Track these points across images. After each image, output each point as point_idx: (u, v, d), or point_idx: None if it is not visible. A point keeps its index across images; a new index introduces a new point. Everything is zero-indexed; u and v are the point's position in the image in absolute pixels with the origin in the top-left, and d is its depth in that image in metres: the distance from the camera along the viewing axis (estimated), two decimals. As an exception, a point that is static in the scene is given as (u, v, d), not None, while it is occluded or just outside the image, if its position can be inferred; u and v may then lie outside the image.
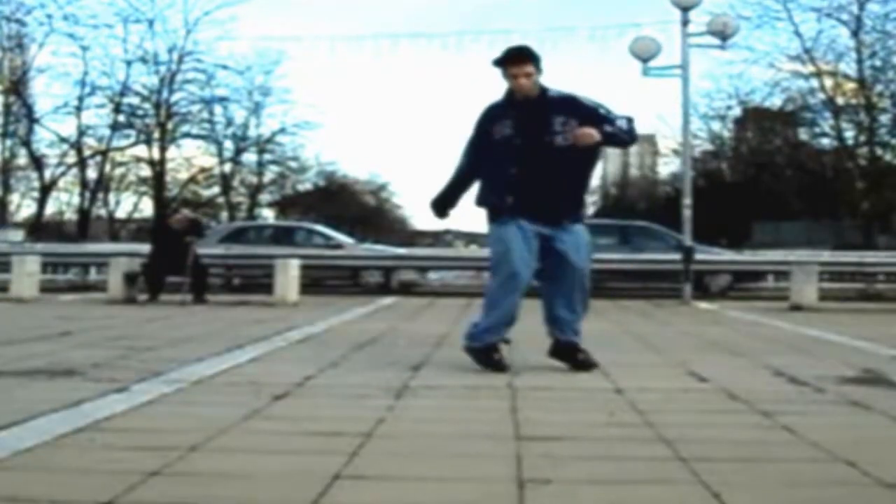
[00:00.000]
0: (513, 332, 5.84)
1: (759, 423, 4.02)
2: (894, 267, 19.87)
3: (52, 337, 7.57)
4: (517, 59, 5.58)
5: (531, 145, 5.54)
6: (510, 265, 5.55)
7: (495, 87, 5.76)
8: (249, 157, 46.55)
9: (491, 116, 5.74)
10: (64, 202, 44.80)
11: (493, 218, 5.75)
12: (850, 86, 37.72)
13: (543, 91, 5.64)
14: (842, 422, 4.10)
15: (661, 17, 37.09)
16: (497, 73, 5.63)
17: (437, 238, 58.97)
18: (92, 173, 42.82)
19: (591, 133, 5.45)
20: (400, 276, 19.89)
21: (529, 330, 6.13)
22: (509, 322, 5.69)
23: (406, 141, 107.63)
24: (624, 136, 5.68)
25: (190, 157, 44.68)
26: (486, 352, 5.67)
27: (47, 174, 42.09)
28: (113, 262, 14.42)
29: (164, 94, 42.09)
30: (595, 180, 62.79)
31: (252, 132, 45.67)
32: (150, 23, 40.70)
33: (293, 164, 47.89)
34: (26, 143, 41.70)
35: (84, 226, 41.09)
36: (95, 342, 7.18)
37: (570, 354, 5.81)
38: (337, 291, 17.98)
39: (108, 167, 43.11)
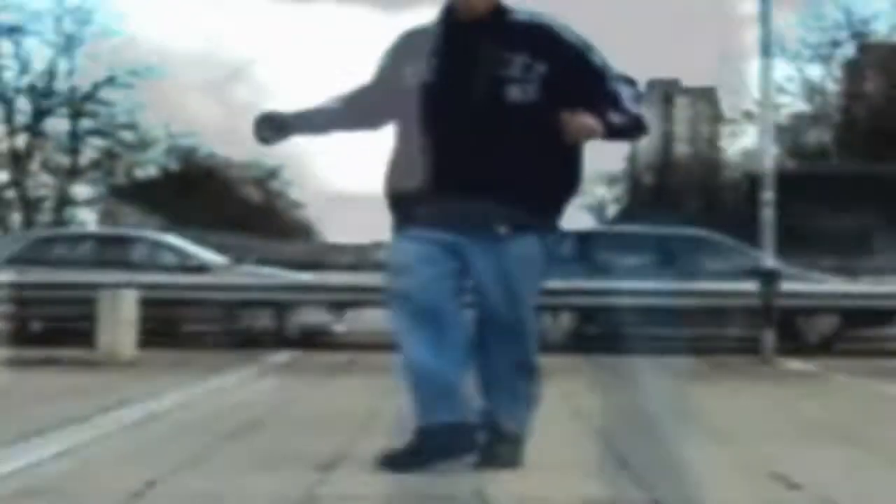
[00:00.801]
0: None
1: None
2: None
3: None
4: None
5: (459, 95, 5.37)
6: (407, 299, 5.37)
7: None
8: (57, 125, 46.34)
9: (403, 48, 5.59)
10: None
11: (393, 220, 5.59)
12: None
13: (500, 9, 5.46)
14: None
15: None
16: None
17: (361, 255, 58.84)
18: None
19: (591, 125, 5.25)
20: (302, 318, 19.86)
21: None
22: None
23: (309, 101, 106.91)
24: (635, 127, 5.53)
25: (-42, 122, 44.47)
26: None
27: None
28: None
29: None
30: (617, 161, 63.01)
31: (62, 84, 45.49)
32: None
33: (128, 137, 47.76)
34: None
35: None
36: None
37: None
38: (199, 343, 17.88)
39: None
